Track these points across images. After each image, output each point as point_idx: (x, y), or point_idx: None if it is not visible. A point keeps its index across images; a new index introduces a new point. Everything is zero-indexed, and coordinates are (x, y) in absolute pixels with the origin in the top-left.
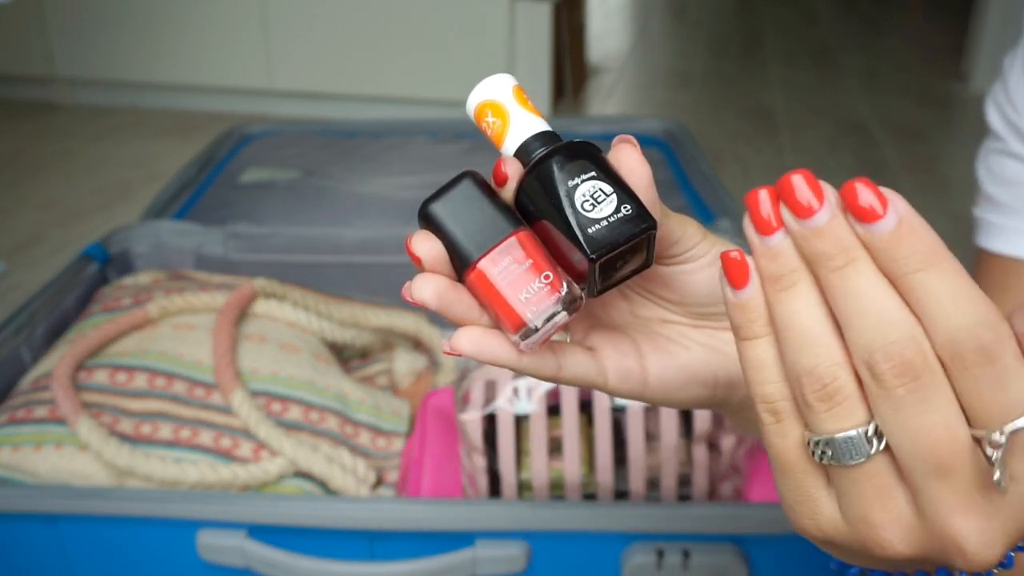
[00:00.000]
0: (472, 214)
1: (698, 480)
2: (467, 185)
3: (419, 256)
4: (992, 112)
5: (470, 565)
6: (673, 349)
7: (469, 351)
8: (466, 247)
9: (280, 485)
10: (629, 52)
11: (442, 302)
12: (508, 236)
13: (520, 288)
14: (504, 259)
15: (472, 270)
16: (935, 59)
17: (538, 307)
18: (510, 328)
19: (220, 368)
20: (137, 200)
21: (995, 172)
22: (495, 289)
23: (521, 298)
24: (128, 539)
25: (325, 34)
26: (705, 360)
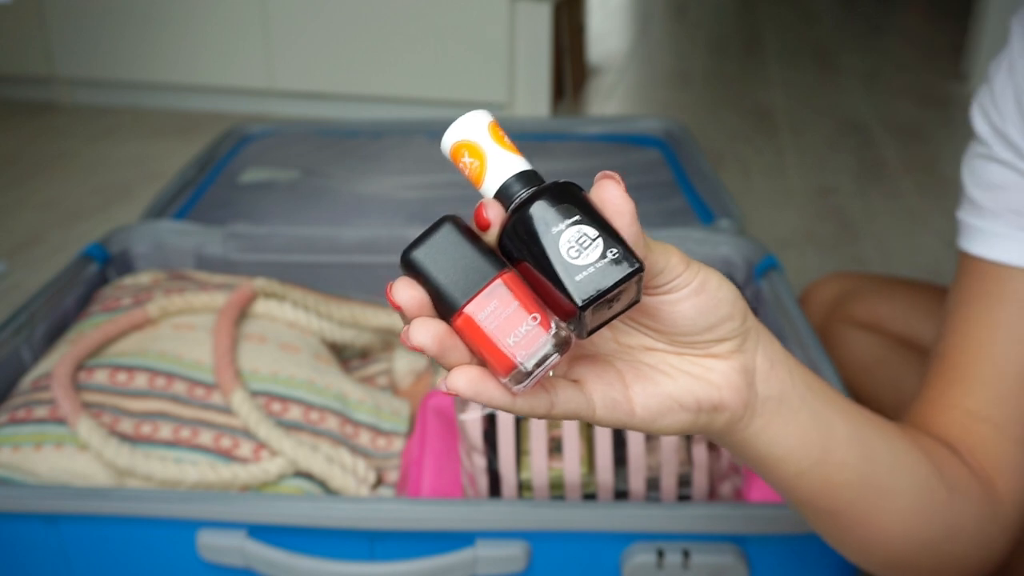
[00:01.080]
0: (455, 259)
1: (698, 480)
2: (448, 230)
3: (400, 304)
4: (977, 117)
5: (470, 565)
6: (657, 378)
7: (466, 391)
8: (451, 293)
9: (280, 485)
10: (629, 52)
11: (441, 348)
12: (493, 279)
13: (508, 332)
14: (490, 303)
15: (459, 316)
16: (935, 59)
17: (528, 349)
18: (500, 372)
19: (220, 368)
20: (137, 200)
21: (979, 176)
22: (483, 334)
23: (510, 342)
24: (128, 539)
25: (325, 34)
26: (688, 387)
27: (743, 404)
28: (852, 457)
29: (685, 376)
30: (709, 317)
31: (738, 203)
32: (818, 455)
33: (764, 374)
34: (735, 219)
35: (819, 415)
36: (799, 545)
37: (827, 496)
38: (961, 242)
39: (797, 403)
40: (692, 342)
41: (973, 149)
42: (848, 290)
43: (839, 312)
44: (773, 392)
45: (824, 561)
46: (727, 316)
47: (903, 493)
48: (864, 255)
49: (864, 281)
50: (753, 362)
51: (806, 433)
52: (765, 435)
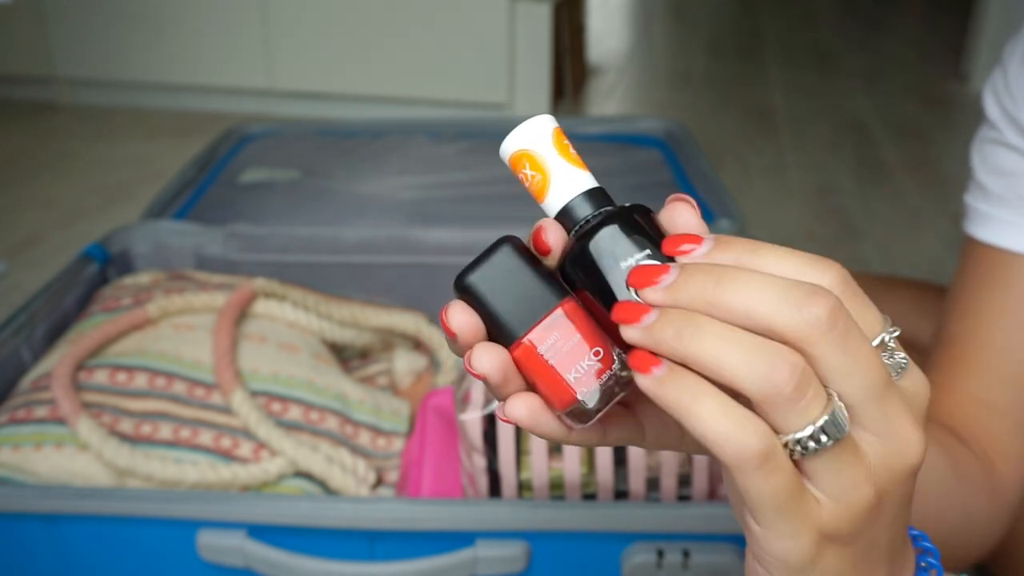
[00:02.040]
0: (513, 285)
1: (698, 480)
2: (506, 253)
3: (455, 330)
4: (989, 100)
5: (470, 565)
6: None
7: (526, 421)
8: (509, 322)
9: (280, 485)
10: (629, 52)
11: (504, 377)
12: (554, 309)
13: (570, 366)
14: (551, 335)
15: (518, 346)
16: (935, 59)
17: (589, 387)
18: (558, 406)
19: (220, 368)
20: (137, 200)
21: (988, 161)
22: (544, 365)
23: (571, 378)
24: (128, 539)
25: (325, 34)
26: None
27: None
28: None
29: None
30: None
31: (738, 203)
32: None
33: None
34: (735, 219)
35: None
36: None
37: None
38: (968, 227)
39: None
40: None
41: (983, 133)
42: None
43: None
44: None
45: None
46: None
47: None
48: (864, 255)
49: (864, 281)
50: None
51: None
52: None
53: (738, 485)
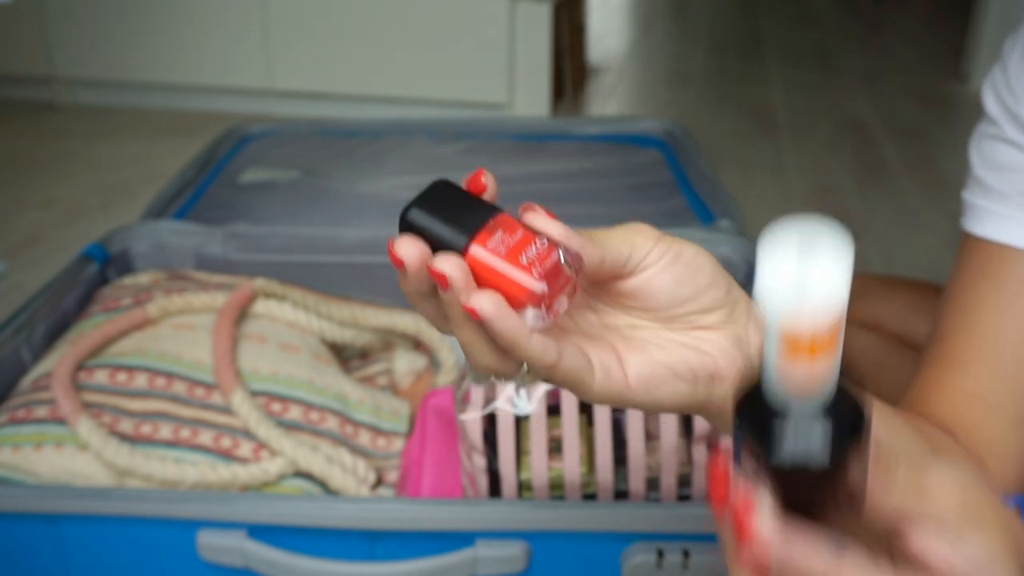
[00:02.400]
0: (452, 208)
1: (698, 480)
2: (441, 186)
3: (402, 257)
4: (989, 96)
5: (470, 565)
6: (649, 348)
7: (489, 311)
8: (453, 237)
9: (280, 485)
10: (629, 52)
11: (465, 275)
12: (493, 217)
13: (518, 254)
14: (495, 234)
15: (467, 252)
16: (935, 59)
17: (542, 266)
18: (517, 299)
19: (220, 368)
20: (137, 200)
21: (987, 157)
22: (494, 265)
23: (523, 261)
24: (128, 539)
25: (325, 34)
26: (682, 356)
27: (741, 372)
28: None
29: (677, 345)
30: (688, 286)
31: (738, 203)
32: None
33: (759, 347)
34: (735, 219)
35: None
36: None
37: None
38: (966, 223)
39: None
40: (677, 315)
41: (982, 129)
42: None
43: None
44: None
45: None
46: (708, 284)
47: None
48: (864, 255)
49: (864, 281)
50: (746, 333)
51: None
52: None
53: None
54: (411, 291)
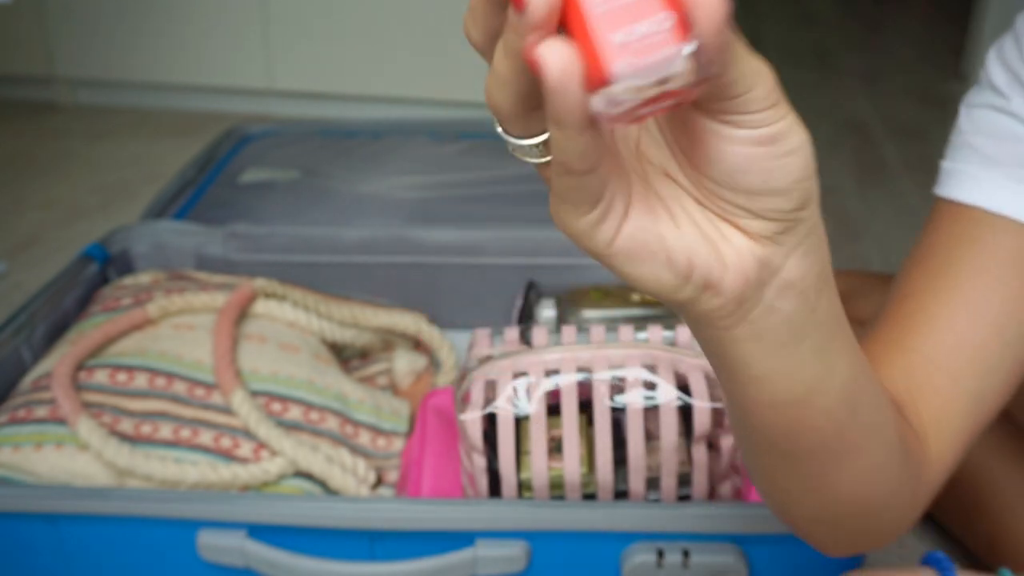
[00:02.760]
0: None
1: (698, 480)
2: None
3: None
4: (995, 66)
5: (470, 565)
6: (659, 214)
7: (555, 73)
8: None
9: (280, 485)
10: None
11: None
12: None
13: (619, 24)
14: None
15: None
16: (935, 59)
17: (640, 61)
18: (587, 81)
19: (220, 368)
20: (137, 200)
21: (984, 126)
22: (581, 15)
23: (616, 40)
24: (128, 539)
25: (325, 34)
26: (689, 244)
27: (739, 299)
28: (838, 407)
29: (693, 229)
30: (758, 180)
31: None
32: (802, 394)
33: (786, 283)
34: None
35: (824, 352)
36: (799, 545)
37: (789, 437)
38: (945, 190)
39: (806, 330)
40: (723, 197)
41: (981, 99)
42: (849, 289)
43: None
44: (784, 307)
45: (824, 561)
46: (782, 190)
47: (868, 453)
48: (865, 254)
49: (865, 280)
50: (782, 261)
51: (799, 367)
52: (747, 347)
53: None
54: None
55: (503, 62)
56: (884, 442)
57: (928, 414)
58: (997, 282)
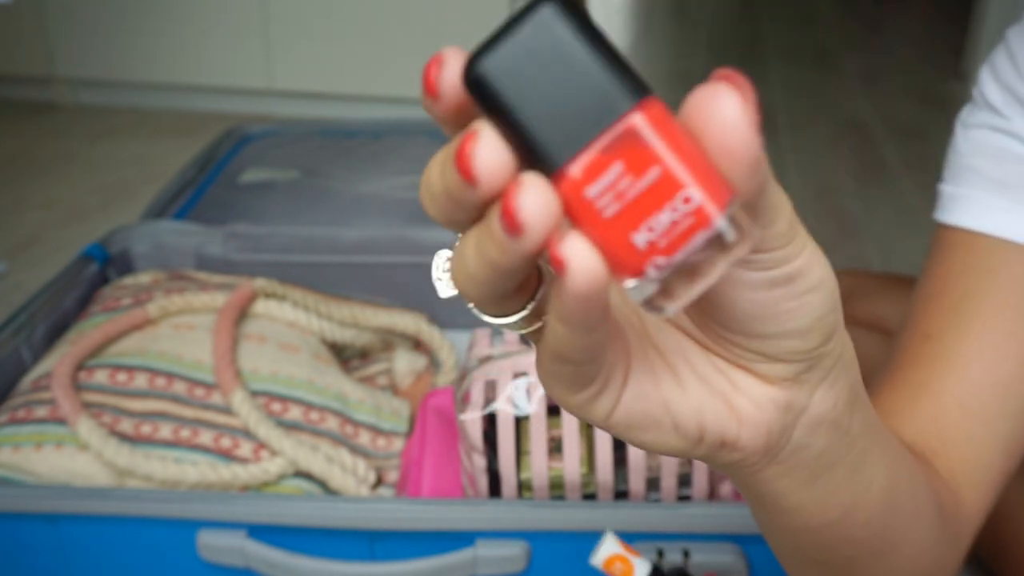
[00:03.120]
0: (557, 76)
1: (698, 480)
2: (548, 19)
3: (478, 173)
4: (989, 85)
5: (470, 565)
6: (661, 375)
7: (586, 278)
8: (544, 139)
9: (280, 485)
10: (630, 52)
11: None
12: (621, 118)
13: (636, 223)
14: (610, 167)
15: (557, 180)
16: (935, 59)
17: (678, 248)
18: (617, 274)
19: (220, 368)
20: (137, 200)
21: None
22: (592, 220)
23: (638, 241)
24: (128, 539)
25: (325, 34)
26: (697, 406)
27: (763, 450)
28: (877, 515)
29: (700, 387)
30: (775, 325)
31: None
32: (837, 515)
33: (815, 420)
34: None
35: (860, 469)
36: None
37: (828, 552)
38: (952, 217)
39: (841, 456)
40: (734, 343)
41: (979, 118)
42: (849, 289)
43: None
44: (816, 443)
45: None
46: (802, 331)
47: (910, 541)
48: (865, 254)
49: (865, 280)
50: (807, 400)
51: (834, 492)
52: (777, 484)
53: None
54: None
55: (476, 263)
56: (926, 524)
57: (961, 462)
58: (1019, 315)
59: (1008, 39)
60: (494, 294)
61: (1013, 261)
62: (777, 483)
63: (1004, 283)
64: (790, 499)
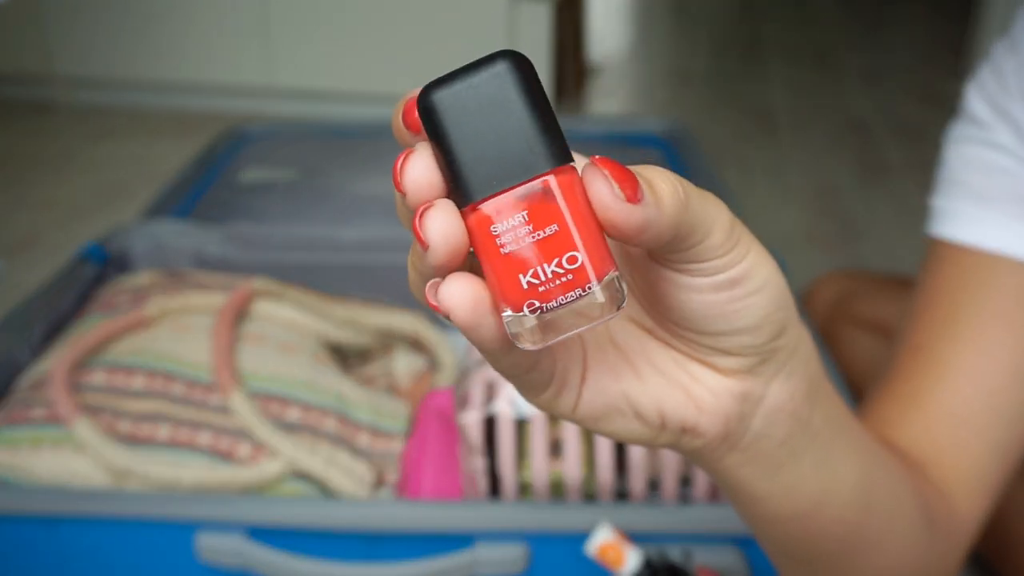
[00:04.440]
0: (497, 124)
1: (699, 481)
2: (503, 75)
3: (406, 186)
4: (976, 100)
5: (469, 566)
6: (620, 370)
7: (464, 313)
8: (470, 175)
9: (279, 486)
10: (630, 51)
11: (453, 250)
12: (537, 177)
13: (526, 265)
14: (519, 211)
15: (471, 213)
16: (936, 58)
17: (545, 301)
18: (503, 304)
19: (219, 368)
20: (137, 200)
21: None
22: (497, 252)
23: (525, 281)
24: (127, 541)
25: (325, 33)
26: (657, 396)
27: (722, 436)
28: (850, 510)
29: (658, 378)
30: (724, 323)
31: (739, 202)
32: (807, 507)
33: (773, 409)
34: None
35: (826, 463)
36: None
37: (804, 545)
38: (943, 229)
39: (804, 446)
40: (688, 339)
41: (965, 132)
42: (850, 290)
43: (841, 312)
44: (776, 433)
45: None
46: (751, 328)
47: (891, 541)
48: (866, 254)
49: (866, 280)
50: (763, 390)
51: (803, 482)
52: (741, 472)
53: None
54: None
55: (411, 273)
56: (907, 526)
57: (954, 471)
58: (1009, 326)
59: (994, 54)
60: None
61: (1002, 273)
62: (742, 471)
63: (993, 295)
64: (757, 487)
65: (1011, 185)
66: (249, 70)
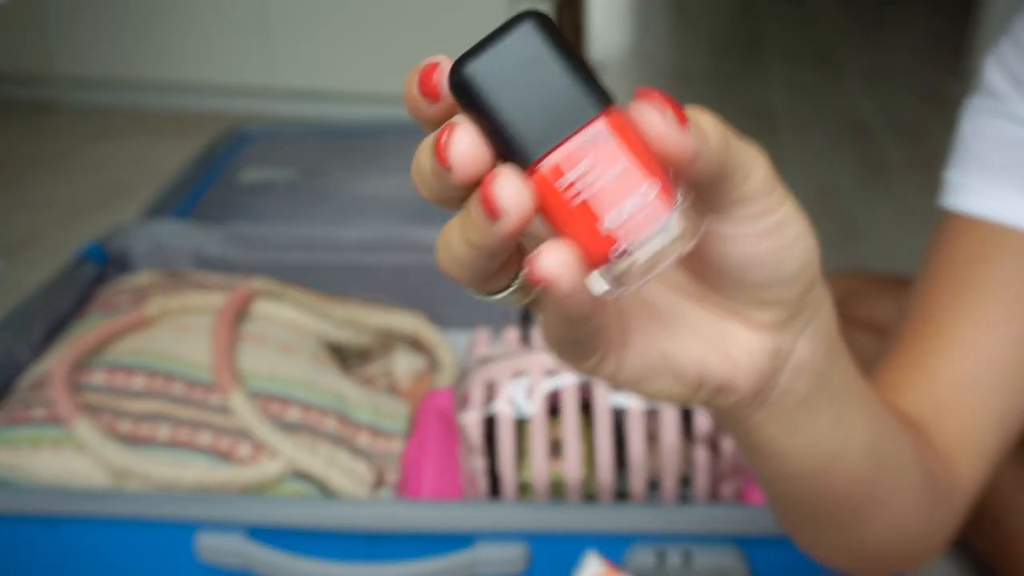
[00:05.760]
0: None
1: (699, 481)
2: (527, 34)
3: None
4: (994, 71)
5: (469, 566)
6: (658, 332)
7: (568, 280)
8: (521, 137)
9: (279, 486)
10: (630, 51)
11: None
12: (591, 121)
13: (610, 205)
14: (583, 159)
15: (532, 174)
16: (936, 58)
17: (640, 234)
18: (588, 262)
19: (219, 368)
20: (136, 200)
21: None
22: (570, 205)
23: (610, 222)
24: (127, 541)
25: (324, 33)
26: (695, 356)
27: (755, 392)
28: (863, 468)
29: (695, 338)
30: (764, 273)
31: None
32: (825, 464)
33: (798, 365)
34: None
35: (842, 421)
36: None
37: (819, 502)
38: (956, 202)
39: (823, 405)
40: (725, 295)
41: (982, 104)
42: (850, 290)
43: (841, 312)
44: (800, 388)
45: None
46: (789, 278)
47: (897, 499)
48: (866, 254)
49: (866, 280)
50: (792, 345)
51: (821, 439)
52: (766, 429)
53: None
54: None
55: (461, 246)
56: (911, 485)
57: (955, 436)
58: (1017, 297)
59: (1015, 27)
60: (480, 274)
61: (1012, 246)
62: (767, 427)
63: (1002, 267)
64: (779, 445)
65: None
66: (249, 70)
